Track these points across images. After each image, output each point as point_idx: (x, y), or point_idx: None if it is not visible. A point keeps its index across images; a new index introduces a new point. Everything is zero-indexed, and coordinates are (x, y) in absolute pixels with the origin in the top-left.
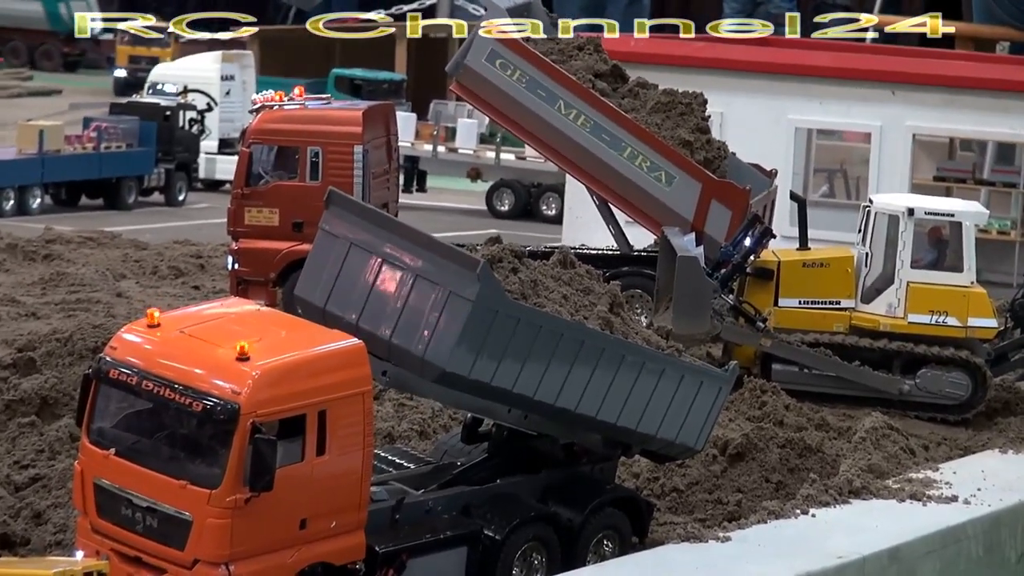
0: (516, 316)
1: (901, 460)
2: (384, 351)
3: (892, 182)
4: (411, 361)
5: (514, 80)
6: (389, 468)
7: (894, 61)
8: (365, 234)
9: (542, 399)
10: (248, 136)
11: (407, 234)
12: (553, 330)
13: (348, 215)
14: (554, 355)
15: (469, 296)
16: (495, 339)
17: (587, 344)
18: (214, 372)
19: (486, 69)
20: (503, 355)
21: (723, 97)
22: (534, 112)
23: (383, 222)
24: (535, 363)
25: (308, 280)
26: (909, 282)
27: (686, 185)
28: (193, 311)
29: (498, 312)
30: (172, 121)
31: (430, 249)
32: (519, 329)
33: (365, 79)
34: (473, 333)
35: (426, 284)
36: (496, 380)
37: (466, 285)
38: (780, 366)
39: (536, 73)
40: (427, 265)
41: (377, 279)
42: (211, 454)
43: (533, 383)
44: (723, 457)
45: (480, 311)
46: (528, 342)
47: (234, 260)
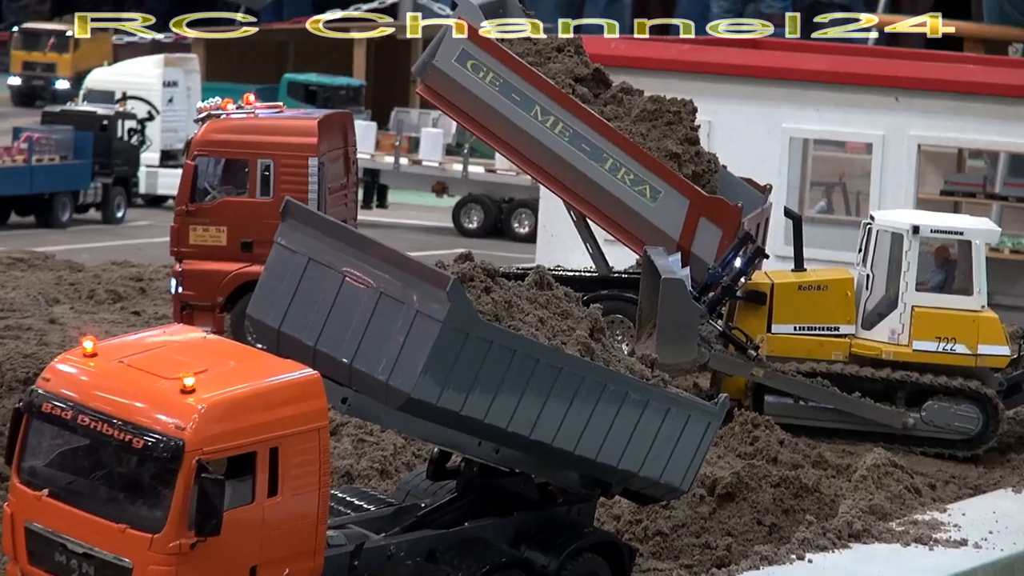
0: (489, 339)
1: (905, 500)
2: (344, 376)
3: (895, 197)
4: (374, 387)
5: (486, 83)
6: (347, 510)
7: (898, 65)
8: (325, 249)
9: (516, 431)
10: (193, 148)
11: (371, 249)
12: (529, 355)
13: (306, 228)
14: (529, 383)
15: (438, 316)
16: (465, 364)
17: (565, 371)
18: (156, 406)
19: (456, 70)
20: (474, 382)
21: (711, 104)
22: (508, 118)
23: (345, 236)
24: (509, 391)
25: (262, 299)
26: (914, 306)
27: (672, 201)
28: (133, 339)
29: (469, 334)
30: (110, 131)
31: (396, 265)
32: (492, 353)
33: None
34: (442, 357)
35: (391, 303)
36: (466, 409)
37: (435, 304)
38: (773, 398)
39: (511, 76)
40: (392, 282)
41: (337, 298)
42: (153, 495)
43: (506, 413)
44: (711, 497)
45: (449, 333)
46: (501, 368)
47: (177, 283)
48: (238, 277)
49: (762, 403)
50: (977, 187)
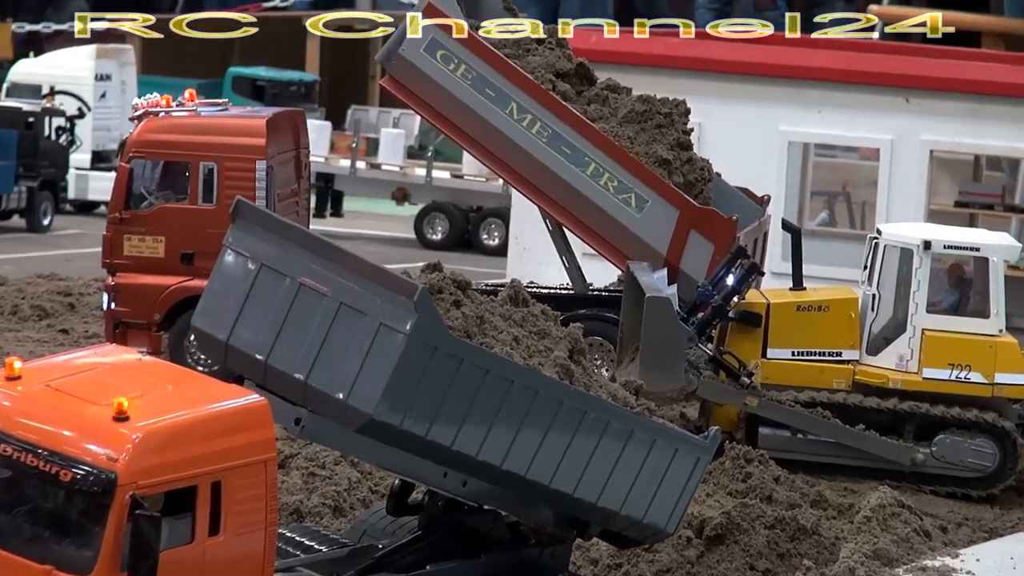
0: (459, 356)
1: (914, 544)
2: (299, 395)
3: (905, 208)
4: (331, 407)
5: (457, 76)
6: (296, 551)
7: (908, 62)
8: (279, 254)
9: (486, 460)
10: (128, 149)
11: (331, 255)
12: (502, 376)
13: (259, 231)
14: (502, 407)
15: (403, 329)
16: (432, 383)
17: (542, 395)
18: (86, 434)
19: (424, 61)
20: (441, 403)
21: (703, 104)
22: (480, 115)
23: (302, 240)
24: (479, 415)
25: (208, 308)
26: (924, 330)
27: (660, 211)
28: (61, 360)
29: (437, 350)
30: (36, 129)
31: (358, 273)
32: (462, 372)
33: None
34: (407, 374)
35: (352, 315)
36: (432, 434)
37: (400, 316)
38: (769, 430)
39: (485, 69)
40: (354, 292)
41: (292, 308)
42: (82, 533)
43: (476, 440)
44: (699, 539)
45: (416, 347)
46: (472, 389)
47: (110, 298)
48: (177, 292)
49: (756, 436)
50: (995, 198)
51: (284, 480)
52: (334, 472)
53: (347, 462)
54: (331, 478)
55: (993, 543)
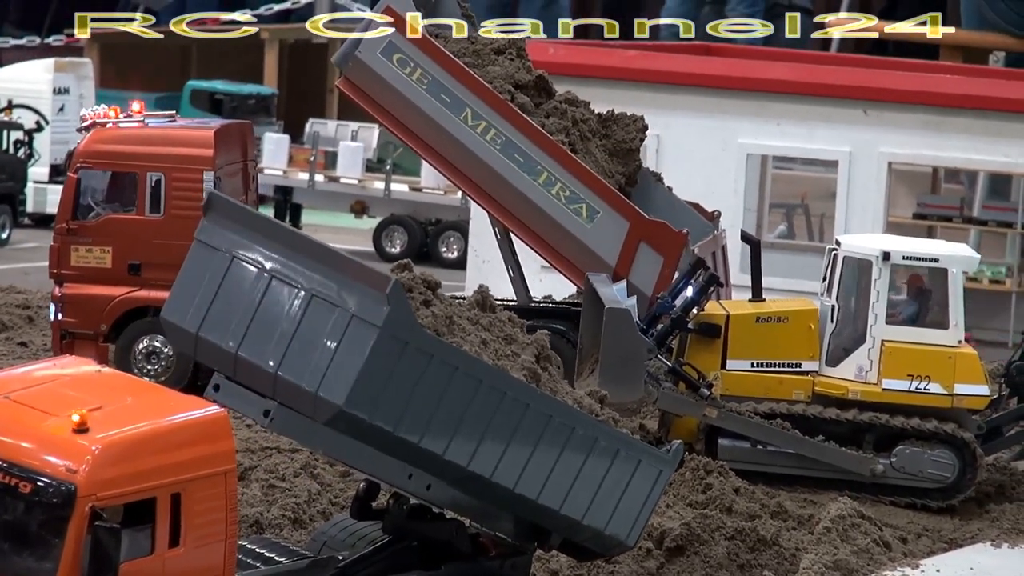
0: (429, 352)
1: (874, 555)
2: (268, 387)
3: (863, 220)
4: (301, 399)
5: (413, 80)
6: (256, 563)
7: (866, 74)
8: (250, 245)
9: (453, 460)
10: (76, 159)
11: (302, 246)
12: (471, 375)
13: (230, 223)
14: (470, 406)
15: (375, 321)
16: (402, 378)
17: (509, 397)
18: (45, 446)
19: (380, 64)
20: (410, 399)
21: (661, 117)
22: (435, 120)
23: (273, 232)
24: (447, 414)
25: (178, 300)
26: (884, 341)
27: (611, 223)
28: (19, 373)
29: (408, 344)
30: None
31: (330, 265)
32: (431, 369)
33: (227, 93)
34: (378, 367)
35: (323, 306)
36: (400, 430)
37: (372, 308)
38: (728, 441)
39: (441, 74)
40: (325, 284)
41: (263, 300)
42: (41, 545)
43: (443, 439)
44: (659, 551)
45: (387, 340)
46: (441, 386)
47: (57, 309)
48: (124, 303)
49: (716, 447)
50: (953, 210)
51: (244, 492)
52: (294, 484)
53: (307, 474)
54: (291, 490)
55: (953, 553)
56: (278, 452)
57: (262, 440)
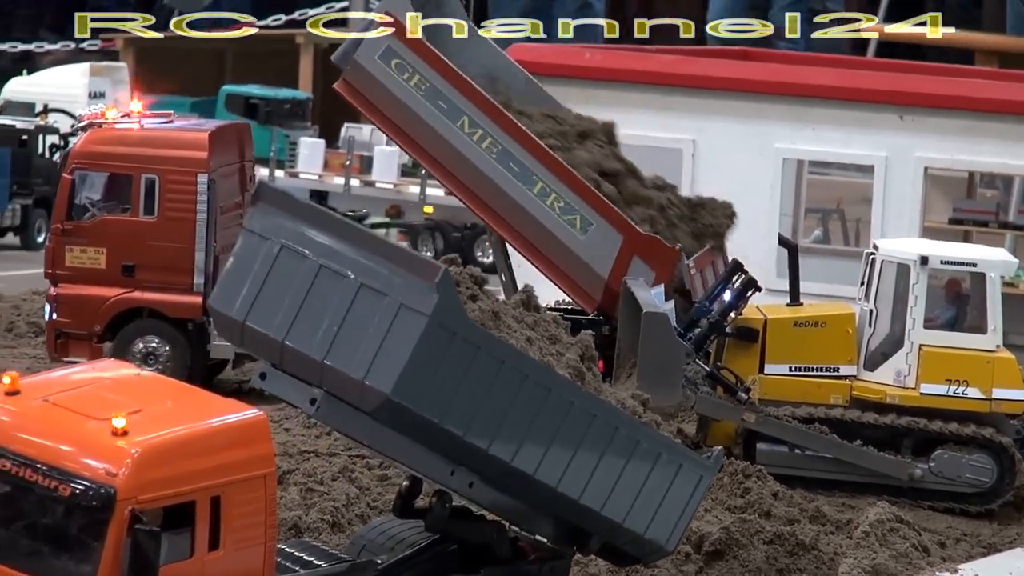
0: (476, 344)
1: (912, 560)
2: (315, 376)
3: (899, 225)
4: (348, 387)
5: (411, 86)
6: (295, 566)
7: (903, 79)
8: (299, 235)
9: (497, 455)
10: (71, 160)
11: (351, 235)
12: (517, 369)
13: (279, 213)
14: (515, 401)
15: (424, 309)
16: (449, 369)
17: (554, 393)
18: (85, 449)
19: (378, 68)
20: (456, 391)
21: (695, 122)
22: (431, 126)
23: (322, 221)
24: (492, 408)
25: (226, 289)
26: (922, 345)
27: (604, 235)
28: (59, 375)
29: (456, 334)
30: (29, 147)
31: (379, 254)
32: (478, 361)
33: (262, 98)
34: (425, 357)
35: (372, 295)
36: (446, 421)
37: (421, 297)
38: (766, 446)
39: (439, 81)
40: (374, 273)
41: (311, 289)
42: (81, 548)
43: (488, 433)
44: (698, 555)
45: (436, 329)
46: (487, 379)
47: (52, 309)
48: (118, 303)
49: (754, 451)
50: (989, 215)
51: (282, 495)
52: (332, 488)
53: (345, 478)
54: (329, 494)
55: (991, 558)
56: (316, 456)
57: (300, 444)
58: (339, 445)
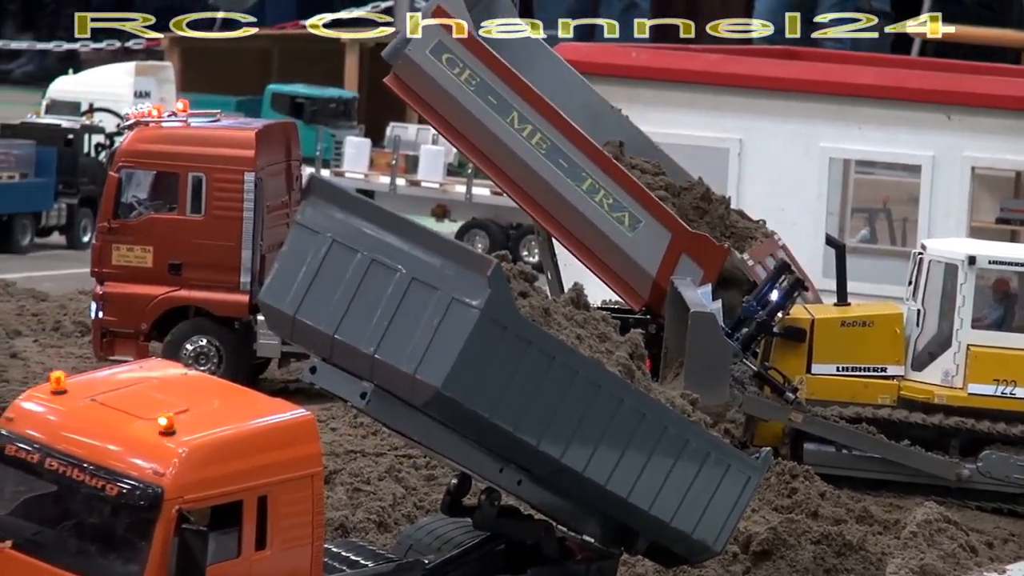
0: (527, 339)
1: (960, 560)
2: (366, 370)
3: (946, 224)
4: (398, 381)
5: (461, 81)
6: (342, 566)
7: (950, 79)
8: (351, 229)
9: (546, 451)
10: (118, 158)
11: (403, 229)
12: (568, 365)
13: (331, 207)
14: (565, 397)
15: (476, 304)
16: (500, 364)
17: (604, 391)
18: (132, 449)
19: (429, 63)
20: (507, 386)
21: (742, 121)
22: (480, 121)
23: (374, 215)
24: (543, 404)
25: (277, 283)
26: (970, 345)
27: (653, 233)
28: (106, 375)
29: (507, 329)
30: (75, 146)
31: (431, 248)
32: (529, 356)
33: (308, 97)
34: (477, 350)
35: (423, 289)
36: (496, 416)
37: (473, 290)
38: (814, 446)
39: (489, 76)
40: (426, 267)
41: (362, 283)
42: (128, 547)
43: (538, 428)
44: (746, 555)
45: (487, 324)
46: (538, 375)
47: (98, 307)
48: (165, 302)
49: (801, 451)
50: None
51: (329, 495)
52: (379, 488)
53: (391, 478)
54: (376, 494)
55: None
56: (363, 456)
57: (347, 444)
58: (386, 445)
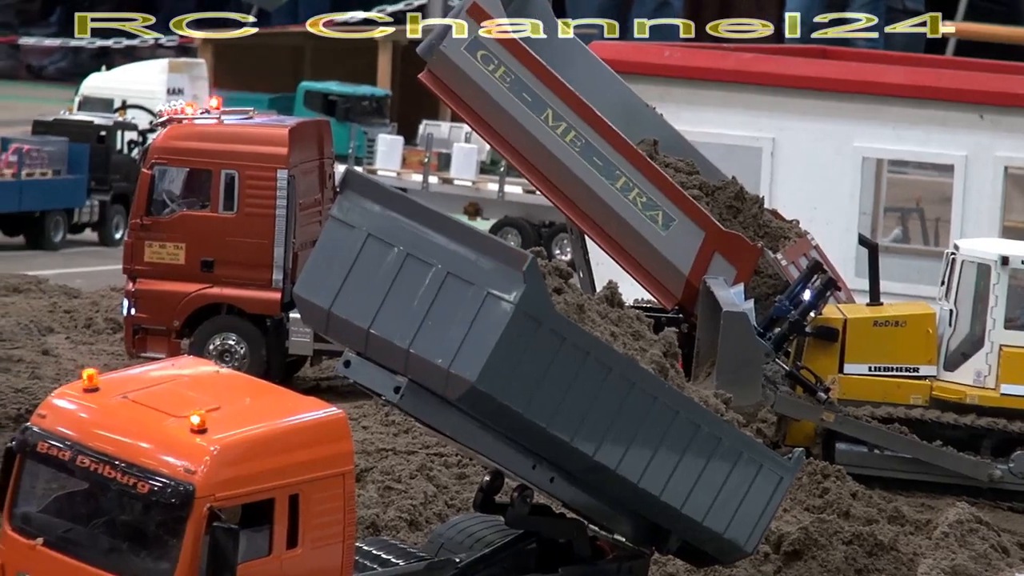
0: (562, 334)
1: (992, 561)
2: (400, 364)
3: (979, 224)
4: (433, 376)
5: (496, 77)
6: (374, 564)
7: (982, 79)
8: (386, 224)
9: (580, 447)
10: (151, 155)
11: (438, 224)
12: (602, 362)
13: (366, 201)
14: (599, 393)
15: (511, 298)
16: (534, 359)
17: (639, 388)
18: (164, 446)
19: (464, 60)
20: (541, 381)
21: (775, 120)
22: (515, 118)
23: (410, 210)
24: (576, 400)
25: (312, 277)
26: (1002, 346)
27: (686, 231)
28: (138, 372)
29: (542, 324)
30: (108, 143)
31: (467, 243)
32: (563, 352)
33: (341, 94)
34: (511, 345)
35: (458, 283)
36: (530, 412)
37: (508, 285)
38: (846, 445)
39: (524, 74)
40: (461, 261)
41: (398, 277)
42: (160, 545)
43: (572, 425)
44: (777, 555)
45: (522, 318)
46: (572, 371)
47: (130, 304)
48: (197, 299)
49: (833, 451)
50: None
51: (360, 494)
52: (410, 486)
53: (423, 476)
54: (407, 492)
55: None
56: (394, 454)
57: (378, 442)
58: (417, 443)
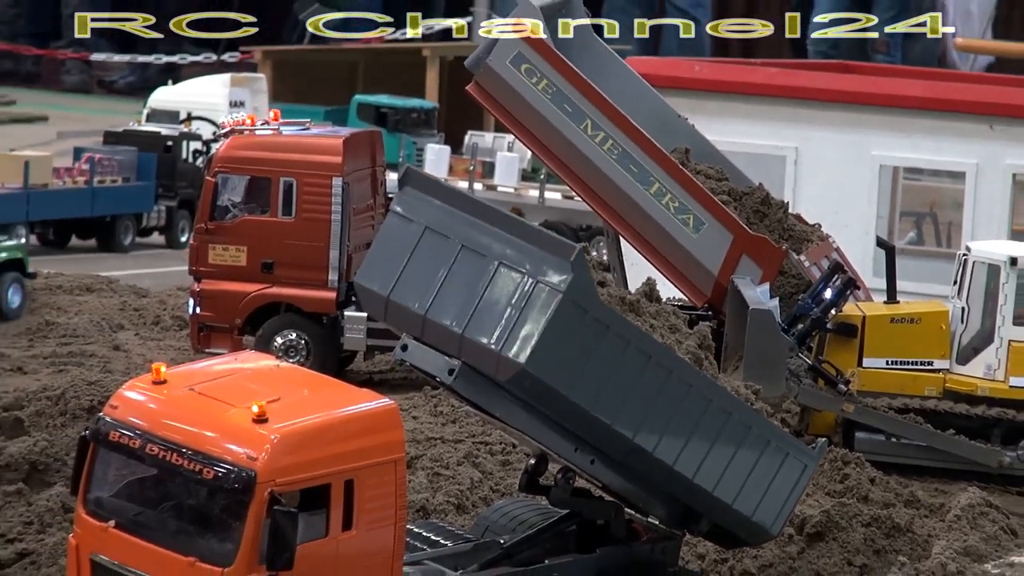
0: (606, 323)
1: (1001, 542)
2: (454, 348)
3: (988, 228)
4: (485, 359)
5: (539, 89)
6: (424, 546)
7: (993, 91)
8: (443, 217)
9: (621, 430)
10: (214, 164)
11: (491, 217)
12: (642, 350)
13: (425, 197)
14: (639, 380)
15: (559, 286)
16: (580, 345)
17: (675, 375)
18: (227, 435)
19: (509, 72)
20: (585, 366)
21: (798, 131)
22: (556, 128)
23: (466, 205)
24: (618, 384)
25: (372, 266)
26: (1011, 341)
27: (715, 234)
28: (203, 366)
29: (587, 312)
30: (174, 152)
31: (517, 234)
32: (607, 339)
33: (392, 107)
34: (559, 331)
35: (509, 273)
36: (575, 395)
37: (556, 274)
38: (864, 434)
39: (565, 86)
40: (513, 251)
41: (452, 267)
42: (223, 528)
43: (613, 408)
44: (800, 536)
45: (569, 306)
46: (614, 357)
47: (195, 303)
48: (258, 298)
49: (852, 439)
50: None
51: (410, 479)
52: (457, 472)
53: (469, 463)
54: (455, 478)
55: None
56: (442, 442)
57: (428, 431)
58: (464, 432)
